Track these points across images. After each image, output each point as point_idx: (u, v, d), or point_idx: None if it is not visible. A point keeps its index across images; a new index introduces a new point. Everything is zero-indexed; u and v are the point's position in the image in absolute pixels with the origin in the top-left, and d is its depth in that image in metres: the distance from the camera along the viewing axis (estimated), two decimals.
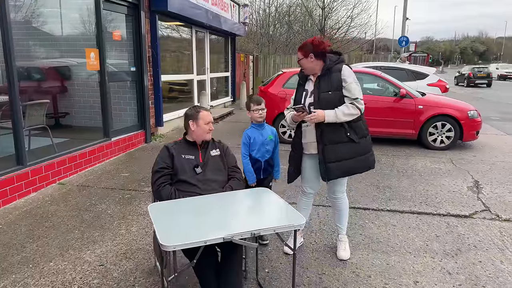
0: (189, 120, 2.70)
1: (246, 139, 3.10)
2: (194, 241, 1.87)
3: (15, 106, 4.24)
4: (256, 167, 3.13)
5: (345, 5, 20.71)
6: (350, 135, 2.80)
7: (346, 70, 2.78)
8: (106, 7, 5.91)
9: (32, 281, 2.72)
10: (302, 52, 2.82)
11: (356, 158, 2.87)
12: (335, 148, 2.81)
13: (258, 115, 3.05)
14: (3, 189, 4.02)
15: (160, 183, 2.59)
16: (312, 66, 2.83)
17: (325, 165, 2.83)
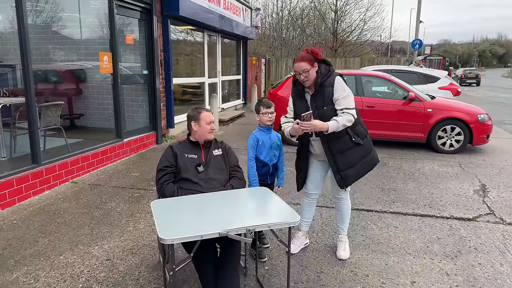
0: (191, 121, 2.81)
1: (254, 141, 3.07)
2: (191, 235, 1.98)
3: (31, 107, 4.44)
4: (264, 171, 3.10)
5: (358, 8, 20.64)
6: (355, 140, 2.87)
7: (338, 84, 2.77)
8: (119, 12, 6.11)
9: (43, 273, 2.87)
10: (308, 62, 2.74)
11: (364, 160, 2.97)
12: (345, 156, 2.88)
13: (268, 119, 3.04)
14: (19, 186, 4.21)
15: (164, 181, 2.71)
16: (314, 75, 2.79)
17: (340, 174, 2.91)
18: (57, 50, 5.69)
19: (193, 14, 8.02)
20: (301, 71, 2.75)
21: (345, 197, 3.14)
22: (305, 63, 2.74)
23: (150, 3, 6.83)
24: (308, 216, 3.27)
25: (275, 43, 23.79)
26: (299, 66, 2.76)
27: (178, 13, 7.33)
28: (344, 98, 2.74)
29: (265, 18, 24.99)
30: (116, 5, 5.96)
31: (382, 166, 5.98)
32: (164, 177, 2.72)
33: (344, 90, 2.76)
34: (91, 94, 6.26)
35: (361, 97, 7.08)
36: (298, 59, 2.78)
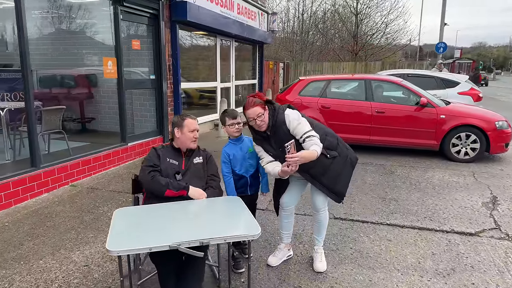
0: (174, 127, 2.76)
1: (225, 157, 2.97)
2: (139, 248, 1.91)
3: (30, 112, 4.53)
4: (242, 183, 3.02)
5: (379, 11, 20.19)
6: (330, 155, 2.81)
7: (287, 118, 2.70)
8: (126, 18, 6.19)
9: (19, 277, 2.89)
10: (260, 106, 2.67)
11: (345, 166, 2.94)
12: (329, 175, 2.83)
13: (235, 130, 2.91)
14: (16, 189, 4.30)
15: (153, 175, 2.61)
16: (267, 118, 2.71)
17: (334, 193, 2.90)
18: (61, 56, 5.83)
19: (203, 19, 8.03)
20: (256, 116, 2.66)
21: (324, 208, 3.00)
22: (258, 108, 2.67)
23: (157, 9, 6.89)
24: (288, 228, 3.14)
25: (296, 46, 23.63)
26: (253, 111, 2.66)
27: (186, 19, 7.35)
28: (298, 126, 2.68)
29: (286, 22, 24.92)
30: (122, 11, 6.04)
31: (389, 174, 5.75)
32: (152, 172, 2.63)
33: (295, 119, 2.69)
34: (97, 99, 6.37)
35: (371, 102, 6.86)
36: (250, 106, 2.68)
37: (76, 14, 5.82)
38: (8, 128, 5.33)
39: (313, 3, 23.33)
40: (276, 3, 24.83)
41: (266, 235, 3.68)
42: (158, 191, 2.57)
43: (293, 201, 3.06)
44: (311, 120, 2.84)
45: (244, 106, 2.75)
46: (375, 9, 19.92)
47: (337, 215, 4.16)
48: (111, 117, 6.50)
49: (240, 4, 10.59)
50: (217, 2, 9.10)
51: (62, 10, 5.60)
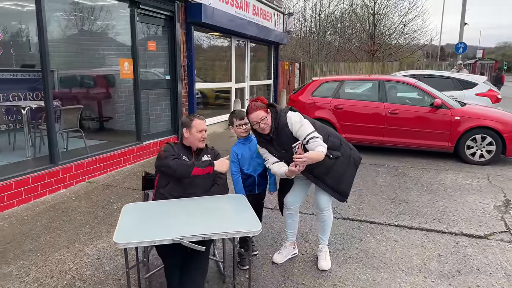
0: (183, 127, 2.86)
1: (234, 157, 3.06)
2: (144, 241, 2.01)
3: (49, 111, 4.72)
4: (250, 182, 3.09)
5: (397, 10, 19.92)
6: (333, 155, 2.85)
7: (290, 121, 2.75)
8: (142, 20, 6.35)
9: (35, 268, 3.04)
10: (263, 110, 2.74)
11: (349, 166, 2.96)
12: (333, 175, 2.87)
13: (243, 130, 2.97)
14: (35, 184, 4.50)
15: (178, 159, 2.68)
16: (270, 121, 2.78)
17: (337, 192, 2.94)
18: (80, 57, 6.04)
19: (218, 21, 8.15)
20: (259, 120, 2.72)
21: (327, 208, 3.04)
22: (261, 111, 2.73)
23: (173, 11, 7.04)
24: (292, 227, 3.19)
25: (313, 47, 23.56)
26: (256, 115, 2.72)
27: (200, 20, 7.48)
28: (300, 128, 2.72)
29: (303, 22, 24.88)
30: (138, 13, 6.20)
31: (401, 176, 5.72)
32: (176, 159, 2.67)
33: (297, 122, 2.74)
34: (114, 98, 6.57)
35: (384, 103, 6.82)
36: (253, 110, 2.74)
37: (94, 16, 6.02)
38: (29, 126, 5.58)
39: (330, 3, 23.25)
40: (293, 4, 24.84)
41: (273, 233, 3.74)
42: (185, 172, 2.62)
43: (296, 201, 3.11)
44: (313, 121, 2.89)
45: (247, 110, 2.81)
46: (393, 9, 19.69)
47: (345, 216, 4.18)
48: (128, 116, 6.69)
49: (255, 5, 10.67)
50: (232, 3, 9.21)
51: (81, 12, 5.80)
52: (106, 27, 6.48)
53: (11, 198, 4.23)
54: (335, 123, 7.05)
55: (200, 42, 8.74)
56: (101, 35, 6.59)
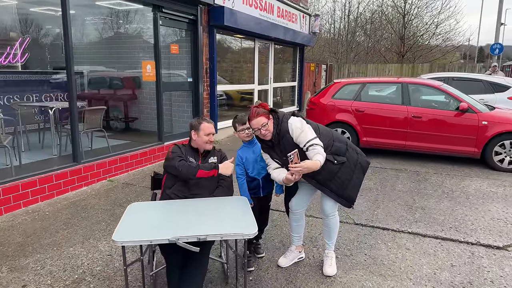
0: (191, 130, 2.93)
1: (239, 160, 3.09)
2: (140, 240, 2.07)
3: (73, 111, 4.94)
4: (254, 185, 3.11)
5: (429, 11, 19.30)
6: (338, 161, 2.81)
7: (291, 127, 2.73)
8: (165, 23, 6.52)
9: (50, 261, 3.19)
10: (264, 116, 2.73)
11: (355, 172, 2.91)
12: (337, 181, 2.84)
13: (246, 135, 3.00)
14: (58, 181, 4.72)
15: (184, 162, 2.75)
16: (272, 127, 2.77)
17: (342, 197, 2.90)
18: (105, 59, 6.27)
19: (241, 23, 8.22)
20: (260, 126, 2.72)
21: (333, 213, 3.00)
22: (262, 117, 2.73)
23: (196, 14, 7.17)
24: (298, 231, 3.18)
25: (341, 48, 23.24)
26: (257, 122, 2.72)
27: (223, 23, 7.58)
28: (301, 134, 2.69)
29: (332, 23, 24.60)
30: (161, 17, 6.37)
31: (422, 181, 5.55)
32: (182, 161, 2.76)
33: (297, 127, 2.70)
34: (137, 100, 6.77)
35: (407, 107, 6.65)
36: (253, 116, 2.74)
37: (119, 20, 6.24)
38: (57, 126, 5.85)
39: (359, 4, 22.86)
40: (321, 5, 24.63)
41: (281, 236, 3.74)
42: (189, 173, 2.68)
43: (302, 205, 3.09)
44: (316, 125, 2.86)
45: (248, 116, 2.82)
46: (424, 9, 19.08)
47: (358, 221, 4.11)
48: (150, 117, 6.88)
49: (280, 7, 10.68)
50: (256, 6, 9.27)
51: (106, 16, 6.03)
52: (130, 31, 6.69)
53: (36, 194, 4.46)
54: (355, 126, 6.94)
55: (223, 44, 8.85)
56: (126, 38, 6.81)
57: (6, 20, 4.87)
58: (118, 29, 6.52)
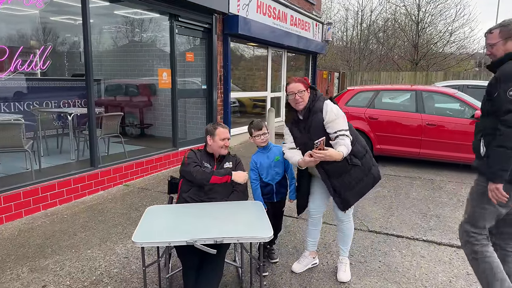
0: (207, 135, 2.99)
1: (253, 165, 3.14)
2: (160, 241, 2.13)
3: (91, 117, 5.07)
4: (267, 190, 3.15)
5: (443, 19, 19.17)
6: (352, 162, 2.78)
7: (326, 108, 2.71)
8: (180, 32, 6.65)
9: (69, 263, 3.27)
10: (303, 84, 2.76)
11: (363, 180, 2.88)
12: (343, 180, 2.81)
13: (261, 141, 3.06)
14: (76, 185, 4.83)
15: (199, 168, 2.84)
16: (307, 99, 2.79)
17: (340, 198, 2.86)
18: (123, 67, 6.42)
19: (255, 32, 8.33)
20: (297, 91, 2.74)
21: (347, 219, 3.01)
22: (301, 84, 2.76)
23: (210, 23, 7.30)
24: (314, 236, 3.19)
25: (354, 56, 23.23)
26: (295, 86, 2.75)
27: (237, 32, 7.69)
28: (335, 121, 2.68)
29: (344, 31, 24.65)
30: (177, 26, 6.50)
31: (436, 190, 5.51)
32: (197, 167, 2.84)
33: (333, 112, 2.70)
34: (153, 106, 6.90)
35: (421, 114, 6.62)
36: (293, 81, 2.78)
37: (136, 29, 6.39)
38: (75, 131, 6.00)
39: (372, 12, 22.87)
40: (333, 13, 24.73)
41: (295, 242, 3.76)
42: (204, 179, 2.76)
43: (320, 209, 3.09)
44: (348, 123, 2.82)
45: (287, 81, 2.84)
46: (438, 17, 18.98)
47: (372, 228, 4.11)
48: (165, 123, 6.99)
49: (293, 16, 10.78)
50: (270, 14, 9.38)
51: (124, 25, 6.18)
52: (147, 39, 6.84)
53: (54, 198, 4.58)
54: (369, 133, 6.93)
55: (236, 52, 8.96)
56: (143, 46, 6.97)
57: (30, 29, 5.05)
58: (135, 38, 6.68)
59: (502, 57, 2.30)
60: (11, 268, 3.18)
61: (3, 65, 4.37)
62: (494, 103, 2.25)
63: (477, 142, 2.43)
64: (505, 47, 2.30)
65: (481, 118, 2.44)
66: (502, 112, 2.17)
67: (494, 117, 2.26)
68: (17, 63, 4.23)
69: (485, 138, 2.35)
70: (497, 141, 2.20)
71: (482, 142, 2.38)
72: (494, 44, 2.34)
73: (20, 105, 5.89)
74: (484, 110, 2.39)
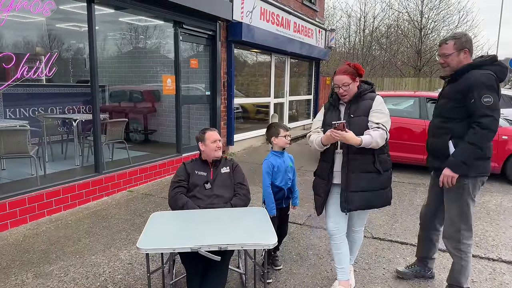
0: (198, 142, 3.02)
1: (270, 168, 3.06)
2: (164, 247, 2.14)
3: (96, 123, 5.10)
4: (280, 196, 3.12)
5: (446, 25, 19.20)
6: (376, 166, 2.64)
7: (379, 100, 2.65)
8: (184, 38, 6.70)
9: (73, 269, 3.28)
10: (350, 76, 2.61)
11: (377, 192, 2.69)
12: (359, 177, 2.65)
13: (286, 141, 3.10)
14: (80, 191, 4.85)
15: (176, 192, 2.92)
16: (355, 90, 2.67)
17: (347, 193, 2.66)
18: (127, 73, 6.47)
19: (258, 38, 8.38)
20: (340, 84, 2.63)
21: (361, 230, 2.98)
22: (346, 77, 2.61)
23: (214, 30, 7.36)
24: (340, 261, 2.83)
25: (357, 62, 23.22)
26: (339, 79, 2.63)
27: (241, 39, 7.74)
28: (382, 113, 2.59)
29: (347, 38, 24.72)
30: (182, 33, 6.55)
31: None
32: (176, 189, 2.94)
33: (381, 104, 2.62)
34: (157, 112, 6.94)
35: (425, 121, 6.61)
36: (340, 72, 2.65)
37: (141, 36, 6.45)
38: (79, 137, 6.04)
39: (375, 19, 22.94)
40: (336, 19, 24.83)
41: (299, 248, 3.75)
42: (172, 206, 2.89)
43: (340, 227, 2.81)
44: None
45: (335, 70, 2.72)
46: (441, 23, 19.01)
47: (376, 235, 4.10)
48: (169, 129, 7.04)
49: (296, 22, 10.83)
50: (273, 21, 9.43)
51: (129, 32, 6.25)
52: (152, 46, 6.91)
53: (59, 203, 4.60)
54: None
55: (240, 59, 9.01)
56: (147, 53, 7.03)
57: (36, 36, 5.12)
58: (140, 44, 6.74)
59: (464, 67, 2.56)
60: (16, 273, 3.19)
61: (10, 72, 4.42)
62: (467, 108, 2.51)
63: (442, 143, 2.66)
64: (459, 58, 2.59)
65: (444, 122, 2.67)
66: (478, 116, 2.46)
67: (465, 122, 2.54)
68: (24, 70, 4.27)
69: (457, 140, 2.58)
70: (469, 138, 2.49)
71: (451, 144, 2.61)
72: (449, 54, 2.60)
73: (26, 111, 5.96)
74: (451, 115, 2.62)
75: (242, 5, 7.94)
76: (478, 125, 2.45)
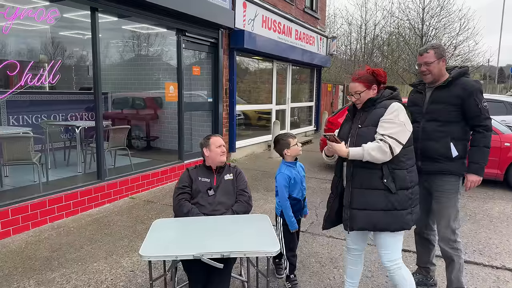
0: (202, 148, 3.03)
1: (287, 181, 2.94)
2: (166, 255, 2.14)
3: (98, 130, 5.13)
4: (297, 208, 3.03)
5: (447, 32, 19.25)
6: (386, 182, 2.33)
7: (392, 108, 2.34)
8: (187, 46, 6.75)
9: (75, 276, 3.28)
10: (363, 84, 2.40)
11: (388, 212, 2.36)
12: (364, 193, 2.39)
13: (299, 149, 3.04)
14: (82, 198, 4.86)
15: (181, 198, 2.93)
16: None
17: (349, 210, 2.44)
18: (130, 80, 6.51)
19: (260, 46, 8.44)
20: (353, 92, 2.44)
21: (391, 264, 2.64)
22: (359, 84, 2.41)
23: (217, 38, 7.41)
24: (352, 276, 2.75)
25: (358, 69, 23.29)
26: (352, 86, 2.45)
27: (243, 46, 7.80)
28: (391, 123, 2.29)
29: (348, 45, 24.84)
30: (184, 40, 6.60)
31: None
32: (180, 195, 2.94)
33: (396, 116, 2.30)
34: (159, 119, 6.97)
35: None
36: (353, 78, 2.47)
37: (144, 43, 6.51)
38: (82, 144, 6.07)
39: (376, 26, 23.07)
40: (337, 27, 24.97)
41: (301, 256, 3.74)
42: (180, 216, 2.87)
43: (359, 242, 2.68)
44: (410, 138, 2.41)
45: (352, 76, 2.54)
46: (442, 31, 19.09)
47: None
48: (171, 136, 7.06)
49: (298, 30, 10.90)
50: (274, 29, 9.50)
51: (132, 40, 6.30)
52: (154, 53, 6.96)
53: (61, 210, 4.60)
54: None
55: (242, 66, 9.06)
56: (150, 60, 7.08)
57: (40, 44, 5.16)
58: (142, 52, 6.79)
59: (458, 74, 2.69)
60: (18, 281, 3.19)
61: (14, 80, 4.46)
62: (465, 111, 2.64)
63: (443, 146, 2.69)
64: (439, 66, 2.70)
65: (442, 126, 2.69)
66: (483, 119, 2.63)
67: (462, 123, 2.67)
68: (27, 78, 4.31)
69: (457, 142, 2.68)
70: (482, 142, 2.66)
71: (453, 146, 2.67)
72: (431, 62, 2.69)
73: (29, 118, 5.99)
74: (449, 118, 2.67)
75: (244, 13, 8.01)
76: (485, 128, 2.64)
